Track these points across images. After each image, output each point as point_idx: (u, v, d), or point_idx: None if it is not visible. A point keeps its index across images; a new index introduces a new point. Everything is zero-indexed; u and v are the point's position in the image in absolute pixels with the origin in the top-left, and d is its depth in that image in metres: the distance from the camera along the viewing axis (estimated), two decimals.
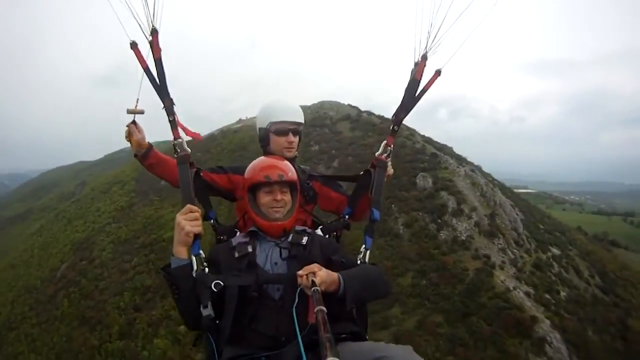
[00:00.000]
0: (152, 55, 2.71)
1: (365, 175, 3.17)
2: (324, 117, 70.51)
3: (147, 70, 2.72)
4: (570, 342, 34.40)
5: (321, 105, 77.99)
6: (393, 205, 45.79)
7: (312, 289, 2.02)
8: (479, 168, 64.70)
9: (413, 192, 47.39)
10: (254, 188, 2.73)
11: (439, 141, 71.44)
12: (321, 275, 2.17)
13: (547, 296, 39.09)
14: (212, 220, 3.05)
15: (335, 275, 2.28)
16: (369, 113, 70.48)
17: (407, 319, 35.38)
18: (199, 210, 2.46)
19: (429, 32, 2.88)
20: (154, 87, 2.77)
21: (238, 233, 3.01)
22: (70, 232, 68.27)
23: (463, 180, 49.23)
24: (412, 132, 61.68)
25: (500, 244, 42.42)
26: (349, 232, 3.26)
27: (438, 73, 3.06)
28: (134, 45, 2.68)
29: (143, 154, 3.09)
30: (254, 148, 64.08)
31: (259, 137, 3.39)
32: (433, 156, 53.35)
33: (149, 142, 3.10)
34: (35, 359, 43.09)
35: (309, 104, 79.56)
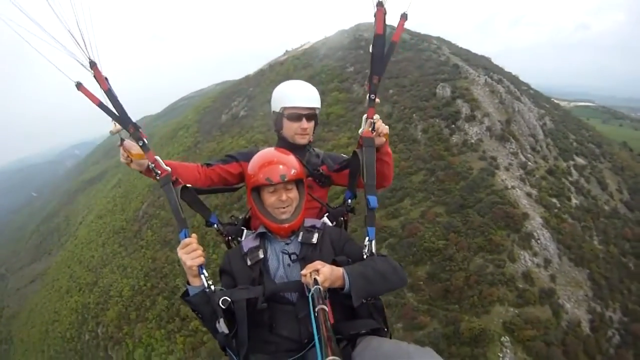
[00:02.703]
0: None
1: (353, 157, 2.82)
2: (359, 39, 70.21)
3: (101, 105, 2.49)
4: (564, 244, 34.44)
5: (357, 27, 77.03)
6: (414, 114, 46.10)
7: (314, 287, 1.93)
8: (515, 78, 63.17)
9: (432, 101, 47.07)
10: (257, 188, 2.57)
11: (477, 53, 69.71)
12: (324, 272, 2.07)
13: (554, 200, 38.42)
14: (215, 225, 2.91)
15: (340, 271, 2.16)
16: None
17: (413, 210, 37.18)
18: (195, 239, 2.31)
19: None
20: (113, 118, 2.54)
21: (245, 231, 2.94)
22: (145, 178, 74.76)
23: (481, 89, 47.85)
24: (440, 46, 60.34)
25: (512, 148, 41.55)
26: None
27: (404, 17, 2.41)
28: (79, 86, 2.44)
29: (147, 167, 2.77)
30: (298, 76, 66.97)
31: (273, 122, 3.16)
32: (454, 67, 52.18)
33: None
34: (127, 282, 49.99)
35: (347, 27, 79.78)
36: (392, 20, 2.37)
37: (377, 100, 2.62)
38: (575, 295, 32.09)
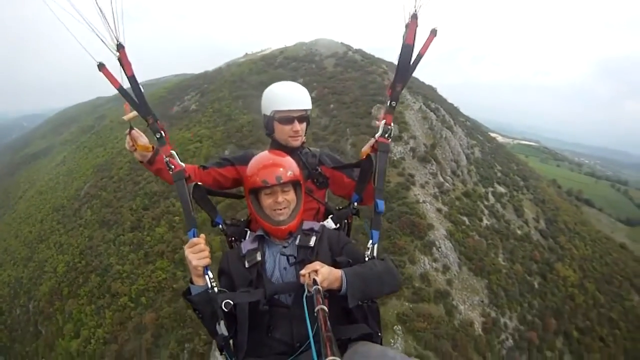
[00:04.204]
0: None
1: (367, 160, 2.90)
2: (314, 54, 76.51)
3: (121, 89, 2.56)
4: (466, 256, 39.21)
5: (316, 42, 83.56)
6: (348, 129, 51.25)
7: (314, 287, 1.97)
8: (455, 109, 71.98)
9: (366, 119, 51.96)
10: (255, 190, 2.62)
11: (425, 82, 76.77)
12: (323, 272, 2.12)
13: (464, 218, 43.53)
14: (220, 225, 2.98)
15: (338, 272, 2.22)
16: (355, 51, 74.85)
17: None
18: (203, 239, 2.36)
19: None
20: (132, 105, 2.63)
21: (249, 233, 2.99)
22: (91, 158, 77.09)
23: (414, 114, 53.61)
24: (387, 71, 66.00)
25: (432, 169, 46.83)
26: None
27: (434, 33, 2.57)
28: (102, 67, 2.48)
29: (149, 159, 2.90)
30: (251, 79, 72.07)
31: (264, 124, 3.18)
32: (402, 88, 57.33)
33: (152, 146, 2.88)
34: (63, 259, 51.37)
35: (307, 40, 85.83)
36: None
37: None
38: (470, 299, 36.13)
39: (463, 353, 31.23)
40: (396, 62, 2.61)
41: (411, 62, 2.62)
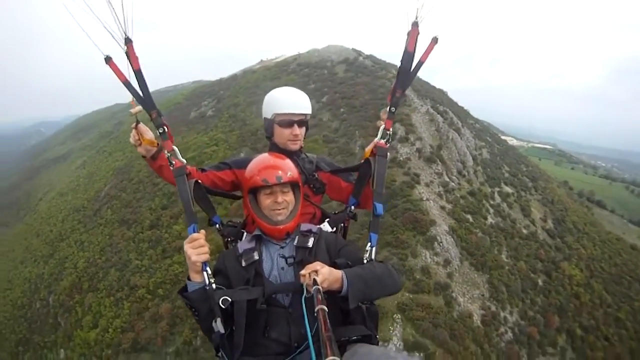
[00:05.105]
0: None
1: (365, 164, 2.97)
2: (326, 60, 79.52)
3: (127, 83, 2.59)
4: (468, 251, 40.59)
5: (328, 48, 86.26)
6: (357, 132, 53.44)
7: (314, 287, 1.99)
8: (465, 112, 74.85)
9: (375, 122, 53.62)
10: (254, 190, 2.67)
11: (435, 86, 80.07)
12: (323, 273, 2.14)
13: (468, 216, 44.87)
14: (217, 225, 3.04)
15: (338, 273, 2.25)
16: (366, 57, 77.74)
17: (338, 209, 44.06)
18: (203, 235, 2.45)
19: None
20: (137, 99, 2.65)
21: (245, 234, 3.01)
22: (111, 162, 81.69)
23: (421, 117, 55.57)
24: (395, 75, 68.31)
25: (438, 169, 48.59)
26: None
27: (435, 41, 2.70)
28: (108, 60, 2.51)
29: (153, 154, 2.95)
30: (265, 86, 74.75)
31: (264, 128, 3.28)
32: (401, 95, 59.61)
33: (157, 142, 2.92)
34: (83, 256, 55.07)
35: (319, 47, 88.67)
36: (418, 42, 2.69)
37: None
38: (470, 293, 37.26)
39: (460, 343, 32.27)
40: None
41: (412, 69, 2.78)
